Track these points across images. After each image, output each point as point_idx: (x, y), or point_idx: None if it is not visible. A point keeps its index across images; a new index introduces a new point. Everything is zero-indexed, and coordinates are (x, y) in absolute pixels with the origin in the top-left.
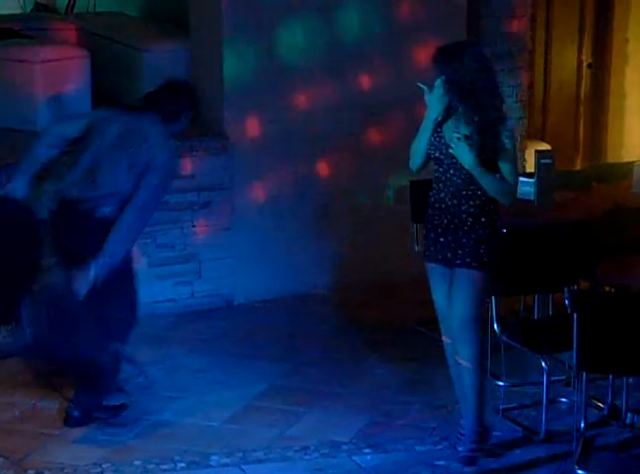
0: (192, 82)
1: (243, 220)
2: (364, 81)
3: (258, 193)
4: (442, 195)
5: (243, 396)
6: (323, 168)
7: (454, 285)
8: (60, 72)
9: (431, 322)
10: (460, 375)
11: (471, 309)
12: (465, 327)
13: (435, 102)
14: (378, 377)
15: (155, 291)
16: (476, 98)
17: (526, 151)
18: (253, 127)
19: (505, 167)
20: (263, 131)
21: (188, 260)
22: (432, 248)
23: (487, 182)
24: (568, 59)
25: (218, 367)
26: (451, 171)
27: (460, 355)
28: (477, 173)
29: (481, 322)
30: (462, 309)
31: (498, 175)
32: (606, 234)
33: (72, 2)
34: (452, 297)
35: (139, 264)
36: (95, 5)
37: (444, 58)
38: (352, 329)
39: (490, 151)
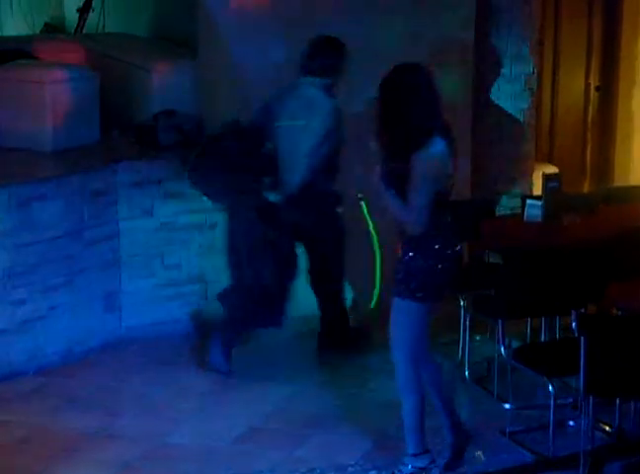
0: (199, 102)
1: None
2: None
3: None
4: None
5: (249, 418)
6: None
7: None
8: (69, 93)
9: None
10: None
11: (395, 337)
12: (393, 353)
13: None
14: (383, 399)
15: (162, 312)
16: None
17: (534, 174)
18: None
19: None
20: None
21: (194, 281)
22: None
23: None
24: (575, 82)
25: (225, 389)
26: None
27: None
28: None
29: (409, 353)
30: (391, 336)
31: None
32: (614, 257)
33: (82, 23)
34: None
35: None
36: (104, 26)
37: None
38: (360, 352)
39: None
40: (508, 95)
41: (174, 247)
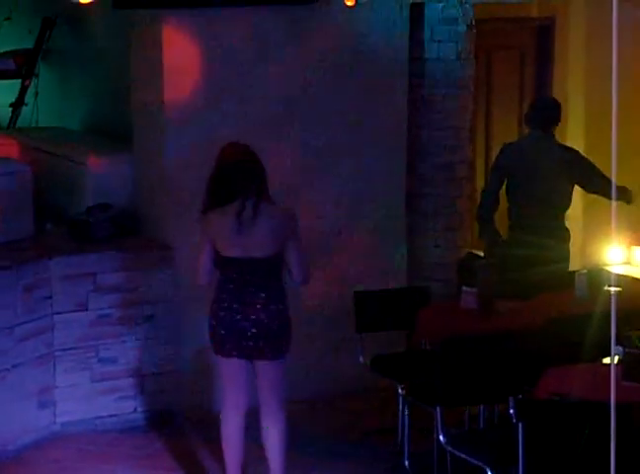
0: (136, 196)
1: (187, 333)
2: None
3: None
4: None
5: None
6: None
7: None
8: (1, 187)
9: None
10: None
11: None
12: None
13: None
14: None
15: (98, 407)
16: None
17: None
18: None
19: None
20: None
21: (131, 374)
22: None
23: None
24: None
25: None
26: None
27: None
28: None
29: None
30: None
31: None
32: (549, 343)
33: (14, 117)
34: None
35: (81, 379)
36: (37, 121)
37: None
38: (302, 440)
39: None
40: (441, 183)
41: (109, 340)
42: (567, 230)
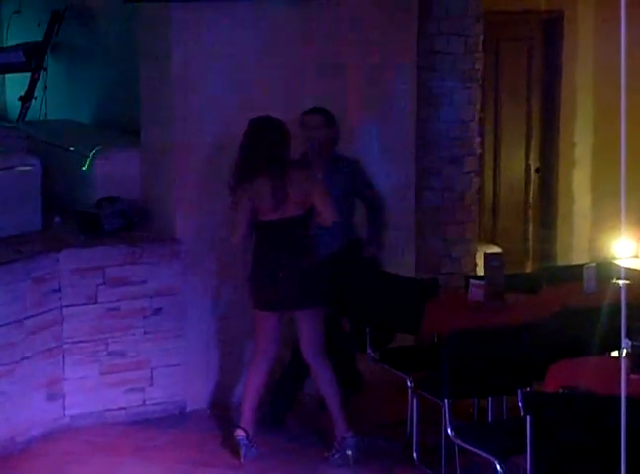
0: (144, 189)
1: (195, 326)
2: None
3: (210, 297)
4: None
5: None
6: None
7: None
8: (10, 180)
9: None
10: None
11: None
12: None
13: None
14: None
15: (106, 399)
16: None
17: (477, 254)
18: (206, 231)
19: None
20: (214, 235)
21: (139, 367)
22: None
23: None
24: (516, 164)
25: None
26: None
27: None
28: None
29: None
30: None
31: None
32: (557, 336)
33: (24, 111)
34: None
35: (90, 371)
36: (46, 114)
37: None
38: (310, 433)
39: None
40: (450, 177)
41: (118, 333)
42: None
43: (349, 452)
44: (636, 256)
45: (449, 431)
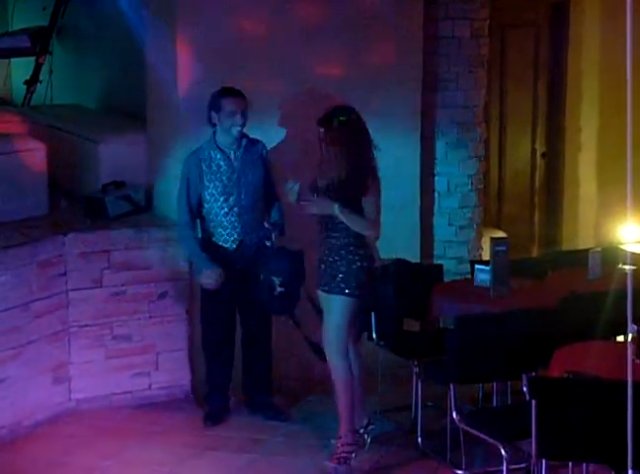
0: (150, 173)
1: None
2: None
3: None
4: None
5: None
6: None
7: None
8: (16, 164)
9: None
10: None
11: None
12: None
13: None
14: None
15: (112, 383)
16: None
17: (482, 239)
18: None
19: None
20: None
21: (145, 351)
22: None
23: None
24: (522, 149)
25: (179, 461)
26: None
27: None
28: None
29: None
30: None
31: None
32: (562, 321)
33: (29, 95)
34: None
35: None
36: (52, 98)
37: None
38: (316, 418)
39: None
40: (455, 162)
41: (124, 317)
42: None
43: (367, 436)
44: None
45: (454, 415)
